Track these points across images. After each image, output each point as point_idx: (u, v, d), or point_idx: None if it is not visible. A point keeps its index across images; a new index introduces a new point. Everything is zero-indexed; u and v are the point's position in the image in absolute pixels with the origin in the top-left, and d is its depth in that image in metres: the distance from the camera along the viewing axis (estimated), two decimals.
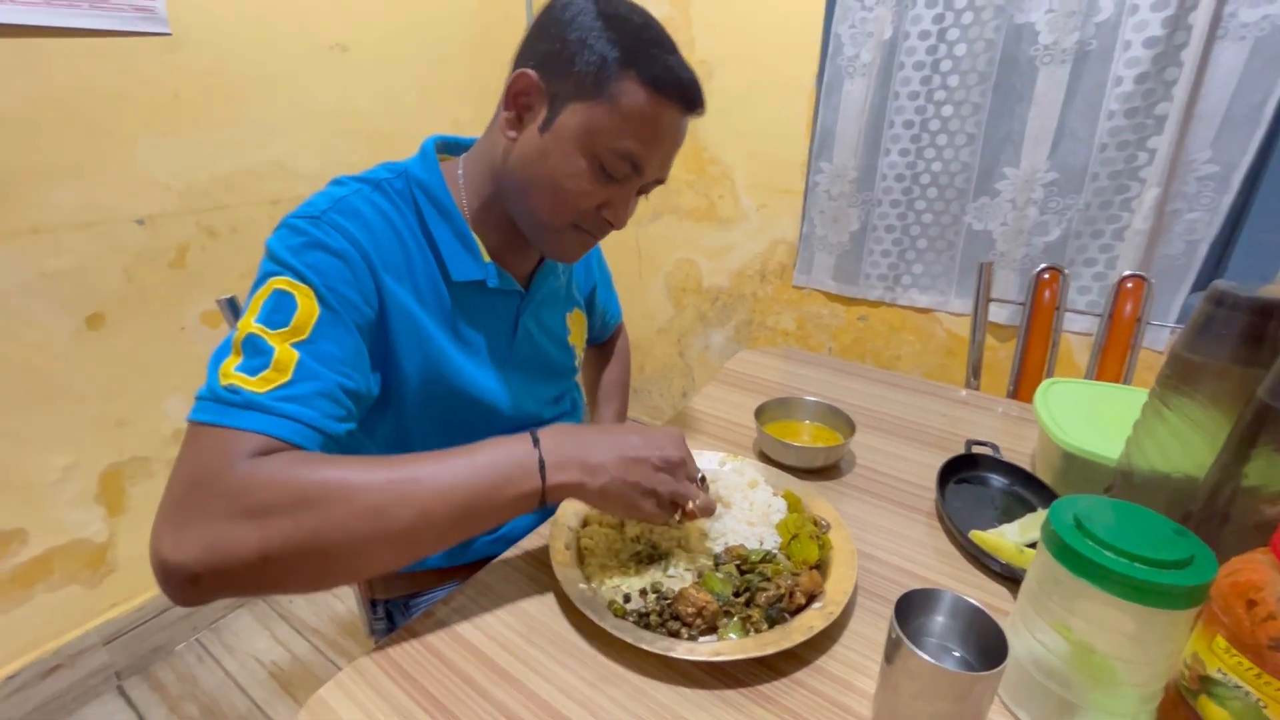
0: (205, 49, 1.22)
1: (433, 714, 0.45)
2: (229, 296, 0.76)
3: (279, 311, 0.51)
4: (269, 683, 1.35)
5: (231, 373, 0.48)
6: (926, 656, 0.38)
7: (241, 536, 0.43)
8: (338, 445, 0.53)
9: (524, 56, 0.61)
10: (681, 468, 0.57)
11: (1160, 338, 1.27)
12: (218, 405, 0.47)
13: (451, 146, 0.71)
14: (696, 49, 1.69)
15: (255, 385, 0.47)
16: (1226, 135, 1.15)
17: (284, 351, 0.49)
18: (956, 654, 0.44)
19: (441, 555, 0.74)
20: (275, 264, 0.53)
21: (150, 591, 1.38)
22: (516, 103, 0.60)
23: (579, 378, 0.91)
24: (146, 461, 1.31)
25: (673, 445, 0.57)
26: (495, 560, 0.61)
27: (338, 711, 0.46)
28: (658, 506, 0.55)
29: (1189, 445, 0.52)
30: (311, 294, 0.52)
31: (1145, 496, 0.53)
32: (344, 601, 1.55)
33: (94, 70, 1.10)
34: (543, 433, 0.54)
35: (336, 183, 0.62)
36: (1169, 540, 0.40)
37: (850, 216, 1.57)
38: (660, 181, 0.65)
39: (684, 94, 0.58)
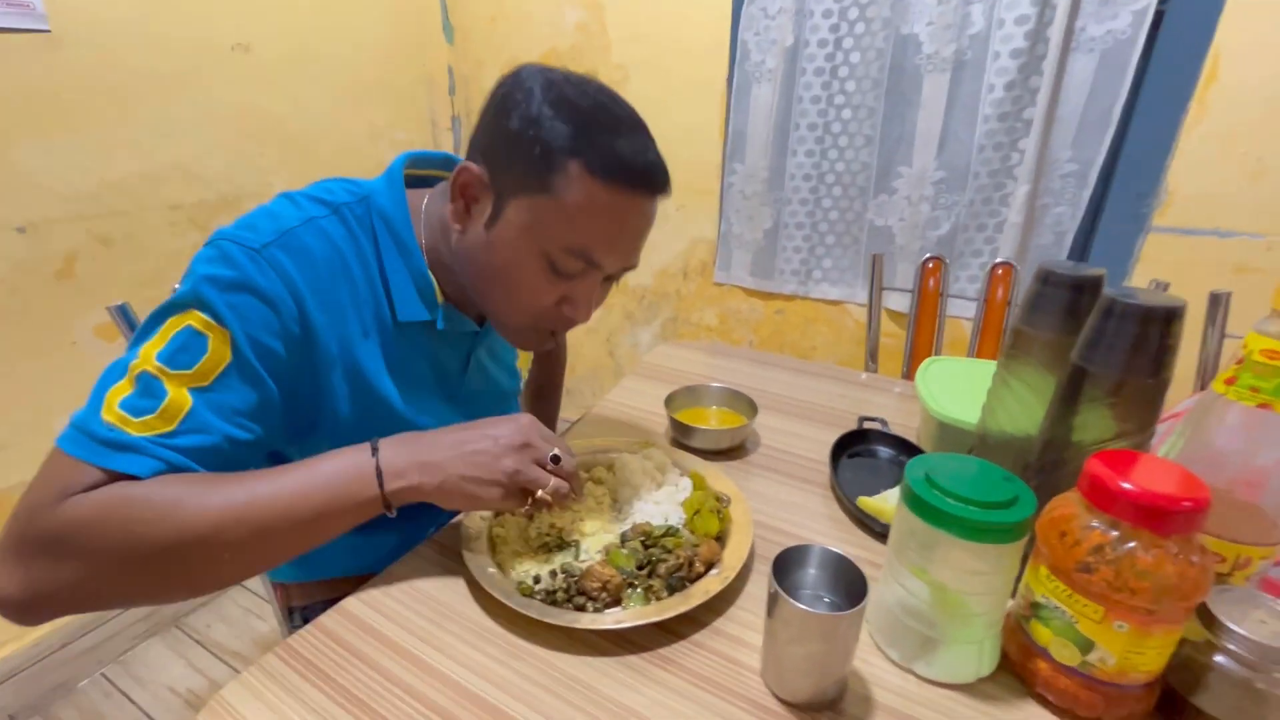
0: (89, 47, 1.16)
1: (345, 705, 0.46)
2: (120, 304, 0.73)
3: (185, 352, 0.48)
4: (185, 712, 1.29)
5: (115, 408, 0.46)
6: (794, 602, 0.42)
7: (63, 575, 0.44)
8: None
9: (472, 146, 0.58)
10: (525, 451, 0.55)
11: None
12: (88, 441, 0.46)
13: (424, 161, 0.68)
14: (613, 54, 1.73)
15: (135, 428, 0.46)
16: (1083, 137, 1.28)
17: (176, 396, 0.47)
18: (827, 600, 0.49)
19: (361, 561, 0.74)
20: (195, 296, 0.49)
21: (46, 625, 1.28)
22: (464, 195, 0.58)
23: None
24: None
25: (516, 433, 0.56)
26: (407, 553, 0.62)
27: (242, 712, 0.46)
28: (504, 496, 0.54)
29: (1029, 408, 0.59)
30: (226, 339, 0.49)
31: (997, 455, 0.59)
32: (266, 621, 1.49)
33: None
34: (384, 440, 0.54)
35: (290, 201, 0.58)
36: (998, 485, 0.46)
37: (764, 215, 1.65)
38: (630, 268, 0.62)
39: (639, 181, 0.54)
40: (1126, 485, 0.40)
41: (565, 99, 0.53)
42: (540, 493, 0.55)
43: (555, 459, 0.57)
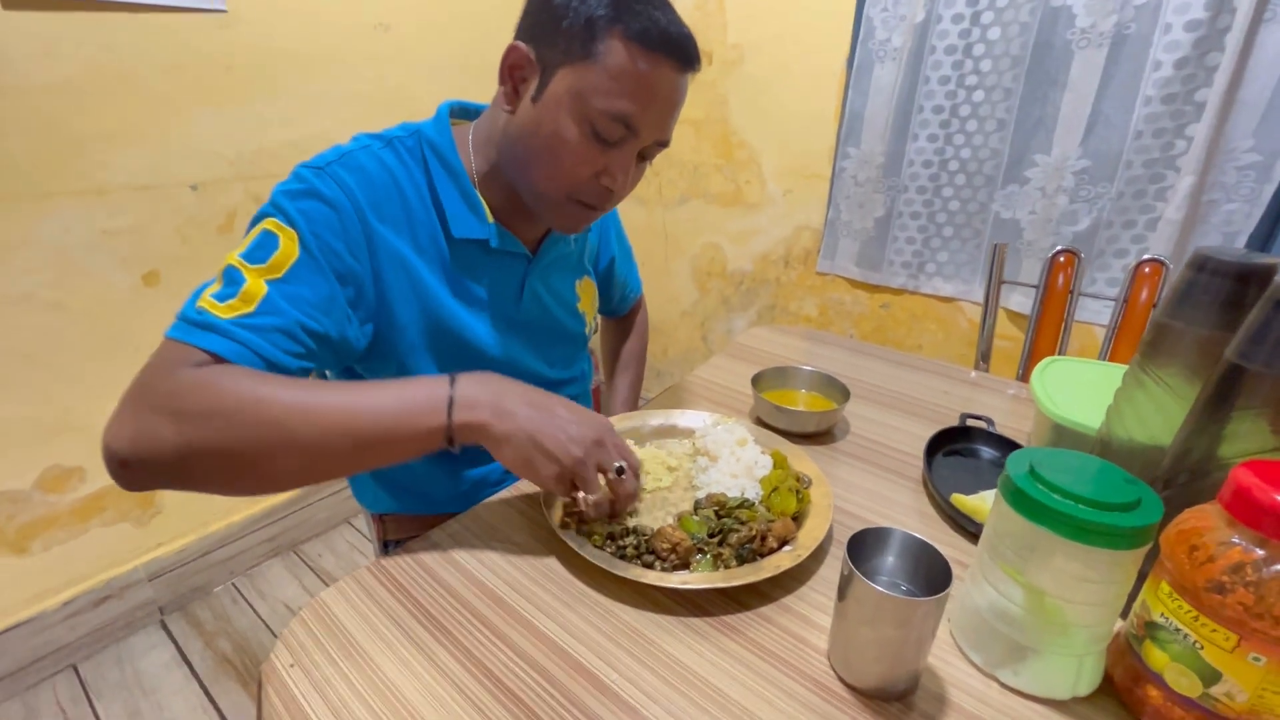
0: (257, 26, 1.29)
1: (422, 621, 0.50)
2: None
3: (261, 249, 0.55)
4: None
5: (207, 298, 0.53)
6: (869, 581, 0.40)
7: (162, 432, 0.48)
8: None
9: (519, 29, 0.63)
10: (595, 450, 0.55)
11: None
12: (184, 324, 0.52)
13: (469, 112, 0.74)
14: (729, 33, 1.70)
15: (221, 311, 0.52)
16: (1270, 123, 1.11)
17: (254, 285, 0.54)
18: (905, 588, 0.46)
19: (451, 500, 0.79)
20: (271, 206, 0.57)
21: (193, 535, 1.48)
22: (511, 76, 0.62)
23: (592, 346, 0.93)
24: None
25: (594, 429, 0.56)
26: (493, 499, 0.65)
27: (336, 613, 0.50)
28: (555, 478, 0.54)
29: (1168, 414, 0.52)
30: (295, 237, 0.56)
31: (1122, 465, 0.53)
32: (368, 556, 1.63)
33: (154, 43, 1.18)
34: (465, 375, 0.55)
35: (353, 139, 0.66)
36: (1118, 487, 0.41)
37: (876, 203, 1.57)
38: (663, 145, 0.64)
39: (674, 49, 0.58)
40: None
41: None
42: (583, 497, 0.56)
43: (619, 471, 0.57)
